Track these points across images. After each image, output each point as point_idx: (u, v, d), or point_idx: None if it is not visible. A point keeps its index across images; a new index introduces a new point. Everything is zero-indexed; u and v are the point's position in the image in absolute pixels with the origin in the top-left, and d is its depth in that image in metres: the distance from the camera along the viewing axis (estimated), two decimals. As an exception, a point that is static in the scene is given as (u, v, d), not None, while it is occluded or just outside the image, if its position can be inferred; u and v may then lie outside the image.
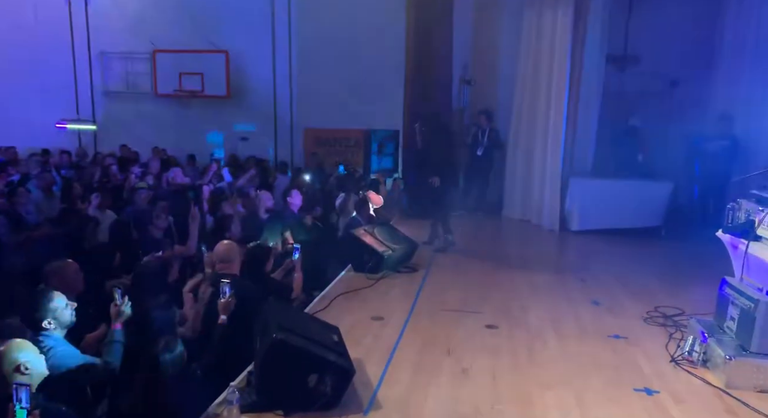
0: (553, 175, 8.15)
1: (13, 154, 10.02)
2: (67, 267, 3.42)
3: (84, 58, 12.08)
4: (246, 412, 2.90)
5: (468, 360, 3.77)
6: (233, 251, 3.91)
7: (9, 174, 8.06)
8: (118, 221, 5.74)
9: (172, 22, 11.54)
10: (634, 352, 3.98)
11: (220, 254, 3.88)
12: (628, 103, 8.77)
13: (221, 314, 3.33)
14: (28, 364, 2.36)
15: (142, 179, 7.57)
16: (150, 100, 12.08)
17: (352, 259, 5.88)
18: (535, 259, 6.71)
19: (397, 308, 4.80)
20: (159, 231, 5.12)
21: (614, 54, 8.86)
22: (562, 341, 4.17)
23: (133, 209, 6.07)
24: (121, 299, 3.03)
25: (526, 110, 8.79)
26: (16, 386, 2.08)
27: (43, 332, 2.79)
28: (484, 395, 3.31)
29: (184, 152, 11.03)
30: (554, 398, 3.30)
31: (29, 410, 2.06)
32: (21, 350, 2.41)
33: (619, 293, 5.34)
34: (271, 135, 12.03)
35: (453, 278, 5.77)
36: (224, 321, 3.36)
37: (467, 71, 9.99)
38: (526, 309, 4.84)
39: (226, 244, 3.98)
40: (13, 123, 11.45)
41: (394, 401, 3.20)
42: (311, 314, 4.32)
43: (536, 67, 8.51)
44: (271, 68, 11.75)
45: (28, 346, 2.46)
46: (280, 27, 11.55)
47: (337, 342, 3.34)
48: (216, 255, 3.91)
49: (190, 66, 11.60)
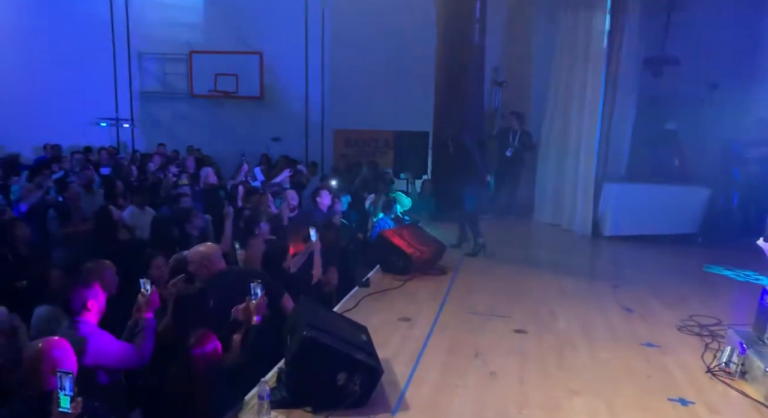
0: (586, 178, 8.02)
1: (58, 151, 10.39)
2: (106, 268, 3.52)
3: (124, 58, 12.46)
4: (276, 408, 2.95)
5: (496, 363, 3.76)
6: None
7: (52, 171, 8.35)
8: (158, 218, 5.88)
9: (207, 24, 11.82)
10: (668, 361, 3.89)
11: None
12: (665, 106, 8.57)
13: (254, 315, 3.38)
14: (61, 366, 2.38)
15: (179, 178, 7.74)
16: (186, 101, 12.38)
17: (380, 259, 5.91)
18: (566, 264, 6.61)
19: (425, 309, 4.81)
20: (196, 229, 5.23)
21: (651, 56, 8.66)
22: (593, 348, 4.11)
23: (178, 207, 6.16)
24: (148, 288, 3.11)
25: (559, 112, 8.68)
26: (60, 374, 2.15)
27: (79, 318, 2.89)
28: (512, 399, 3.29)
29: (218, 151, 11.26)
30: (583, 405, 3.26)
31: (72, 398, 2.13)
32: (58, 348, 2.44)
33: (653, 300, 5.23)
34: (302, 136, 12.18)
35: (481, 281, 5.75)
36: (258, 322, 3.41)
37: (499, 73, 9.92)
38: (555, 314, 4.79)
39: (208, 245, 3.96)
40: (56, 121, 11.88)
41: (421, 402, 3.21)
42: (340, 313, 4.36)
43: (570, 68, 8.40)
44: (303, 69, 11.91)
45: (64, 344, 2.49)
46: (313, 28, 11.69)
47: (366, 341, 3.37)
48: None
49: (225, 67, 11.85)
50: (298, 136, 12.15)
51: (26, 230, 4.69)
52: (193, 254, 3.80)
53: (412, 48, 10.36)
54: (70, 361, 2.44)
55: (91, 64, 12.27)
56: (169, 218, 5.79)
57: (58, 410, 2.12)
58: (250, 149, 10.20)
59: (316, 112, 12.13)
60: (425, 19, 9.47)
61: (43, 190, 6.35)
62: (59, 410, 2.12)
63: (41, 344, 2.44)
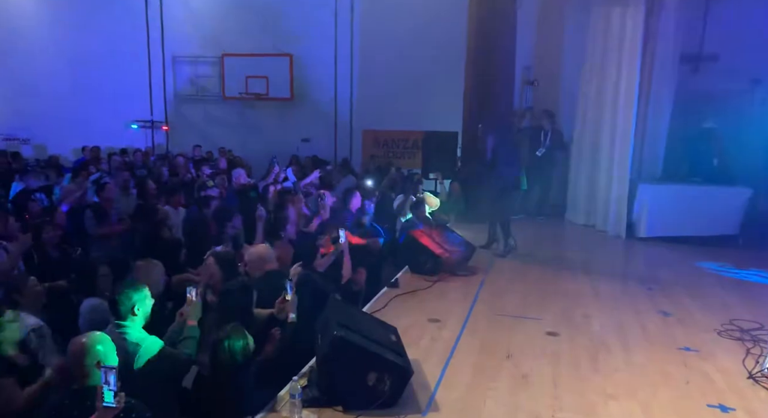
0: (620, 179, 7.84)
1: (96, 153, 10.70)
2: (155, 268, 3.62)
3: (158, 62, 12.77)
4: (307, 406, 2.97)
5: (528, 366, 3.70)
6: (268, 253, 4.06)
7: (90, 172, 8.61)
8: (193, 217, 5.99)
9: (239, 27, 12.00)
10: (707, 366, 3.78)
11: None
12: (703, 103, 8.31)
13: (289, 313, 3.43)
14: (104, 361, 2.44)
15: (212, 179, 7.88)
16: (218, 103, 12.61)
17: (409, 260, 5.90)
18: (599, 266, 6.48)
19: (454, 310, 4.78)
20: (233, 229, 5.32)
21: (689, 52, 8.42)
22: (628, 351, 4.01)
23: (216, 207, 6.26)
24: (194, 295, 3.16)
25: (592, 111, 8.52)
26: (105, 369, 2.20)
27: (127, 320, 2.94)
28: (545, 403, 3.24)
29: (249, 152, 11.43)
30: (619, 409, 3.19)
31: (116, 393, 2.17)
32: (102, 343, 2.50)
33: (690, 303, 5.08)
34: (331, 136, 12.26)
35: (512, 282, 5.68)
36: (294, 319, 3.45)
37: (530, 72, 9.79)
38: (588, 317, 4.70)
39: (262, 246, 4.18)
40: (94, 123, 12.26)
41: (452, 403, 3.19)
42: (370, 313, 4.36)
43: (603, 66, 8.23)
44: (332, 70, 11.98)
45: (107, 340, 2.55)
46: (342, 29, 11.76)
47: (396, 342, 3.37)
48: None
49: (256, 69, 12.02)
50: (327, 137, 12.25)
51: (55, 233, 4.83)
52: (249, 253, 4.07)
53: (441, 47, 10.32)
54: (113, 356, 2.51)
55: (127, 68, 12.63)
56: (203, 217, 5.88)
57: (102, 405, 2.16)
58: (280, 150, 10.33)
59: (345, 113, 12.20)
60: (455, 18, 9.42)
61: (81, 191, 6.56)
62: (103, 404, 2.16)
63: (85, 339, 2.50)
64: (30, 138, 12.81)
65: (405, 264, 5.93)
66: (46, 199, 6.65)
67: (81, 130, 12.00)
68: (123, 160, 9.97)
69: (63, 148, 11.99)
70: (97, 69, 12.50)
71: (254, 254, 4.04)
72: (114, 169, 9.03)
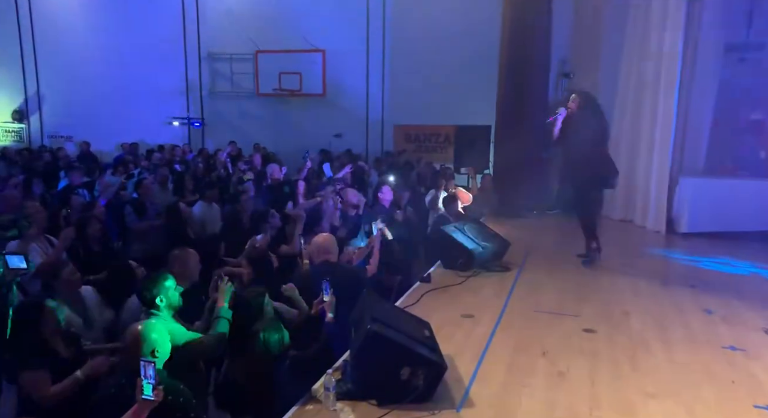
0: (660, 173, 7.61)
1: (135, 149, 11.00)
2: (190, 256, 3.69)
3: (194, 59, 13.02)
4: (341, 400, 2.99)
5: (564, 363, 3.63)
6: (331, 243, 4.13)
7: (128, 168, 8.85)
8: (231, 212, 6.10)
9: (272, 24, 12.13)
10: (754, 366, 3.63)
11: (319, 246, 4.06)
12: (750, 95, 7.97)
13: (328, 312, 3.45)
14: (159, 348, 2.54)
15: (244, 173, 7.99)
16: (252, 100, 12.79)
17: (441, 255, 5.86)
18: (639, 262, 6.31)
19: (488, 306, 4.71)
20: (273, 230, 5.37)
21: (734, 41, 8.08)
22: (669, 350, 3.89)
23: (256, 202, 6.35)
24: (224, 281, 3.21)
25: (631, 103, 8.28)
26: (144, 362, 2.25)
27: (154, 310, 3.02)
28: (583, 400, 3.17)
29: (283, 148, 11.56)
30: (660, 409, 3.09)
31: (155, 386, 2.22)
32: (156, 332, 2.58)
33: (735, 301, 4.89)
34: (363, 132, 12.29)
35: (547, 278, 5.57)
36: (332, 319, 3.47)
37: (566, 64, 9.58)
38: (627, 314, 4.57)
39: (324, 236, 4.17)
40: (133, 120, 12.61)
41: (487, 399, 3.15)
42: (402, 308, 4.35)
43: (643, 56, 7.98)
44: (364, 66, 12.00)
45: (161, 327, 2.62)
46: (374, 25, 11.76)
47: (429, 337, 3.34)
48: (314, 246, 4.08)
49: (289, 66, 12.14)
50: (359, 132, 12.28)
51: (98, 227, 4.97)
52: (312, 243, 4.19)
53: (474, 41, 10.21)
54: (167, 345, 2.58)
55: (164, 66, 12.93)
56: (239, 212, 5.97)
57: (141, 397, 2.21)
58: (312, 146, 10.42)
59: (376, 108, 12.20)
60: (487, 11, 9.30)
61: (118, 187, 6.72)
62: (142, 397, 2.21)
63: (140, 327, 2.57)
64: (73, 135, 13.29)
65: (437, 259, 5.89)
66: (88, 195, 6.86)
67: (122, 127, 12.37)
68: (162, 157, 10.21)
69: (105, 145, 12.38)
70: (136, 68, 12.84)
71: (315, 243, 4.13)
72: (153, 165, 9.25)
